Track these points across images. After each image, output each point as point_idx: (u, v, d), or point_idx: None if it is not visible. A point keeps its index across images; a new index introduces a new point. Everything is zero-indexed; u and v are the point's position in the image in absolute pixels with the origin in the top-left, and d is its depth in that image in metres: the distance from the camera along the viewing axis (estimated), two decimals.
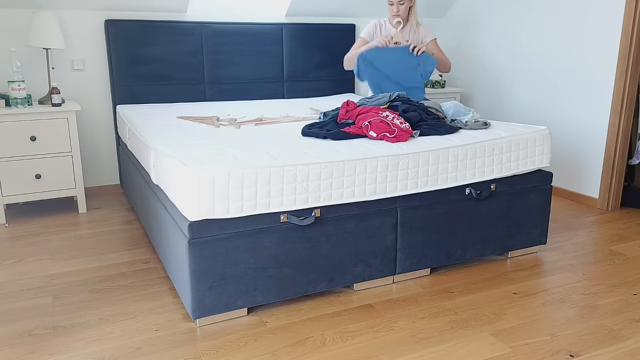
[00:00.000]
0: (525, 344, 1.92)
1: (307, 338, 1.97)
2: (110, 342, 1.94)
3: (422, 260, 2.41)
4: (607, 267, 2.59)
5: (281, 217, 2.04)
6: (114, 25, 3.57)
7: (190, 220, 1.91)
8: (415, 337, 1.96)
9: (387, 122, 2.35)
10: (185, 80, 3.84)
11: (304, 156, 2.07)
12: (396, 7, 3.11)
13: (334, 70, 4.30)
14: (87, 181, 3.80)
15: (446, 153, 2.31)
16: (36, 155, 3.21)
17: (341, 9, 4.25)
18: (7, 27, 3.40)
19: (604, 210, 3.47)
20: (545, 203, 2.67)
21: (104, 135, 3.79)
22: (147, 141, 2.53)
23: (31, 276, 2.49)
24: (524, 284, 2.40)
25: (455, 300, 2.25)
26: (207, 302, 1.99)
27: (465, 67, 4.60)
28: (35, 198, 3.26)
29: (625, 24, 3.22)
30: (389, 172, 2.20)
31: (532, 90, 3.96)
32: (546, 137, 2.58)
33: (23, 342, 1.93)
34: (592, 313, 2.14)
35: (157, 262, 2.64)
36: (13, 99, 3.14)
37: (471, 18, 4.47)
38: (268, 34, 4.01)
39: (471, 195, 2.44)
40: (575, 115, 3.64)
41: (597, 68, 3.44)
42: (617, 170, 3.43)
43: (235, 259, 2.00)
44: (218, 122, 2.92)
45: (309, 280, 2.17)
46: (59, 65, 3.57)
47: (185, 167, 1.91)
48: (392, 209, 2.28)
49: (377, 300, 2.25)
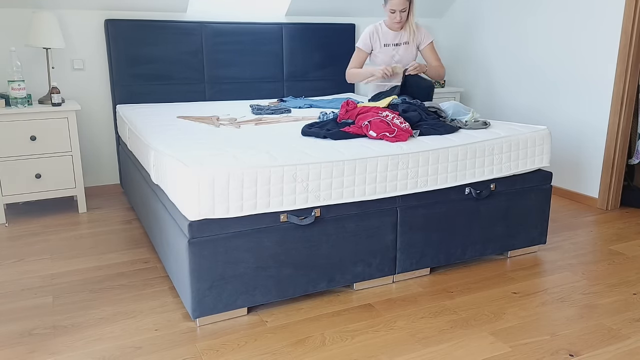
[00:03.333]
0: (524, 344, 1.92)
1: (307, 338, 1.97)
2: (110, 341, 1.94)
3: (421, 260, 2.41)
4: (607, 267, 2.59)
5: (281, 216, 2.05)
6: (114, 25, 3.57)
7: (190, 219, 1.91)
8: (415, 337, 1.97)
9: (387, 122, 2.35)
10: (185, 80, 3.84)
11: (304, 156, 2.07)
12: (399, 15, 3.12)
13: (333, 70, 4.30)
14: (87, 181, 3.80)
15: (446, 153, 2.32)
16: (36, 155, 3.21)
17: (341, 9, 4.25)
18: (7, 27, 3.40)
19: (604, 210, 3.48)
20: (545, 203, 2.67)
21: (103, 135, 3.79)
22: (147, 141, 2.53)
23: (31, 276, 2.49)
24: (524, 284, 2.40)
25: (455, 300, 2.25)
26: (207, 301, 1.99)
27: (465, 67, 4.60)
28: (35, 198, 3.26)
29: (625, 24, 3.22)
30: (389, 171, 2.20)
31: (532, 90, 3.96)
32: (546, 136, 2.58)
33: (23, 342, 1.94)
34: (592, 312, 2.15)
35: (157, 261, 2.64)
36: (13, 98, 3.14)
37: (470, 18, 4.47)
38: (268, 34, 4.01)
39: (471, 195, 2.44)
40: (574, 114, 3.64)
41: (597, 67, 3.44)
42: (616, 169, 3.43)
43: (235, 259, 2.00)
44: (218, 121, 2.92)
45: (309, 279, 2.17)
46: (59, 64, 3.57)
47: (185, 167, 1.91)
48: (392, 209, 2.28)
49: (377, 299, 2.25)
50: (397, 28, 3.21)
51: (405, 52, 3.28)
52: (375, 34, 3.25)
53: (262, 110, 3.26)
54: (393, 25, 3.19)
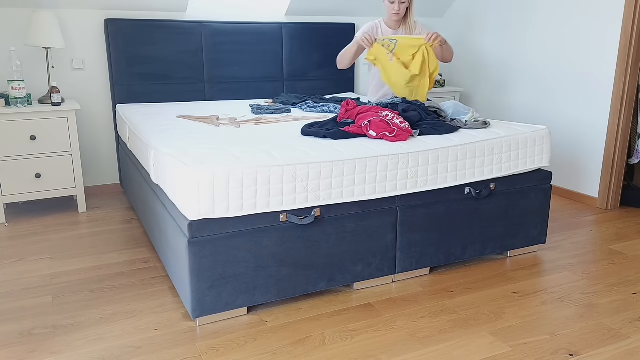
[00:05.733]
0: (524, 343, 1.92)
1: (307, 337, 1.97)
2: (110, 341, 1.94)
3: (421, 260, 2.41)
4: (607, 267, 2.59)
5: (281, 216, 2.05)
6: (113, 25, 3.57)
7: (190, 219, 1.91)
8: (415, 336, 1.97)
9: (387, 122, 2.35)
10: (185, 80, 3.84)
11: (304, 155, 2.07)
12: (397, 5, 3.09)
13: (333, 70, 4.30)
14: (87, 180, 3.80)
15: (446, 152, 2.32)
16: (36, 155, 3.21)
17: (341, 8, 4.25)
18: (7, 27, 3.39)
19: (604, 210, 3.48)
20: (545, 202, 2.67)
21: (103, 135, 3.79)
22: (147, 140, 2.53)
23: (31, 275, 2.49)
24: (524, 283, 2.41)
25: (455, 300, 2.25)
26: (207, 301, 2.00)
27: (465, 67, 4.60)
28: (35, 197, 3.26)
29: (625, 24, 3.22)
30: (389, 171, 2.20)
31: (532, 90, 3.96)
32: (546, 136, 2.58)
33: (23, 341, 1.94)
34: (592, 312, 2.15)
35: (157, 261, 2.64)
36: (13, 98, 3.14)
37: (470, 17, 4.47)
38: (268, 34, 4.01)
39: (471, 194, 2.44)
40: (574, 114, 3.64)
41: (597, 67, 3.44)
42: (616, 169, 3.43)
43: (235, 258, 2.00)
44: (218, 121, 2.92)
45: (309, 279, 2.17)
46: (59, 64, 3.57)
47: (185, 167, 1.91)
48: (391, 209, 2.28)
49: (377, 299, 2.25)
50: (395, 21, 3.19)
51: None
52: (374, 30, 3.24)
53: (262, 110, 3.27)
54: (391, 17, 3.17)
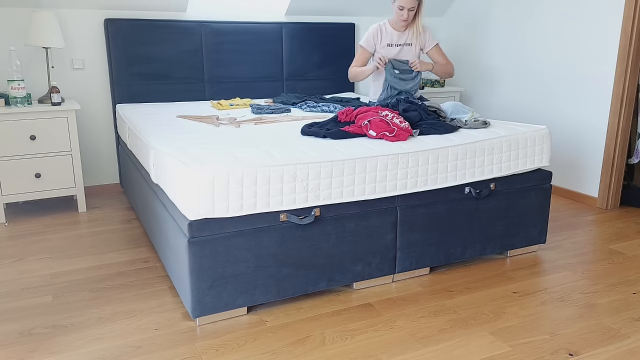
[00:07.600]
0: (524, 343, 1.92)
1: (307, 337, 1.97)
2: (110, 341, 1.94)
3: (421, 259, 2.41)
4: (607, 266, 2.59)
5: (281, 216, 2.05)
6: (113, 24, 3.57)
7: (190, 219, 1.91)
8: (415, 336, 1.97)
9: (387, 121, 2.35)
10: (185, 80, 3.83)
11: (304, 155, 2.07)
12: (406, 13, 3.11)
13: (333, 69, 4.30)
14: (86, 180, 3.80)
15: (446, 152, 2.32)
16: (36, 155, 3.21)
17: (341, 8, 4.25)
18: (7, 26, 3.39)
19: (604, 209, 3.48)
20: (545, 202, 2.67)
21: (103, 135, 3.79)
22: (146, 140, 2.53)
23: (31, 275, 2.49)
24: (524, 283, 2.41)
25: (455, 299, 2.25)
26: (207, 301, 2.00)
27: (465, 67, 4.60)
28: (35, 197, 3.26)
29: (625, 24, 3.22)
30: (389, 171, 2.20)
31: (532, 89, 3.96)
32: (546, 136, 2.58)
33: (23, 341, 1.94)
34: (592, 312, 2.15)
35: (156, 261, 2.64)
36: (13, 98, 3.14)
37: (471, 17, 4.47)
38: (268, 33, 4.01)
39: (471, 194, 2.44)
40: (574, 114, 3.64)
41: (597, 67, 3.44)
42: (616, 169, 3.43)
43: (235, 258, 2.00)
44: (218, 121, 2.92)
45: (309, 279, 2.17)
46: (59, 64, 3.57)
47: (185, 167, 1.91)
48: (391, 208, 2.28)
49: (377, 299, 2.25)
50: (402, 26, 3.20)
51: (407, 53, 3.28)
52: (378, 33, 3.24)
53: (261, 110, 3.27)
54: (399, 22, 3.18)
